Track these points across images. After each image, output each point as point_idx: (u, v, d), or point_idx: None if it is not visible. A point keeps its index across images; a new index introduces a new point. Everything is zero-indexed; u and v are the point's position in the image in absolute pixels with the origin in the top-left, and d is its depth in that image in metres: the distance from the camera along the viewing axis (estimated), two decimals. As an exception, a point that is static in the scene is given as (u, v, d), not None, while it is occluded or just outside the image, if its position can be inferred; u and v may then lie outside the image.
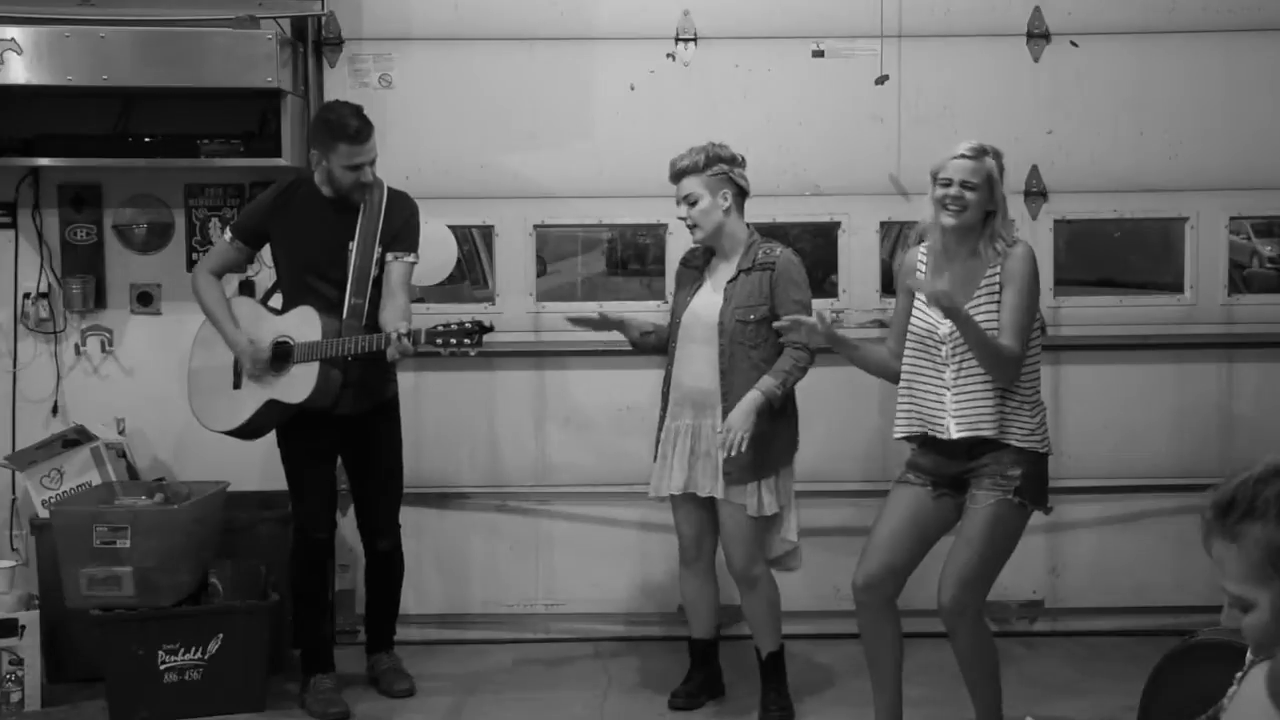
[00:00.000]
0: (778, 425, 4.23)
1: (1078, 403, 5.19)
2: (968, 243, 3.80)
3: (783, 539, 4.31)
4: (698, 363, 4.26)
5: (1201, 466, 5.09)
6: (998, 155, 3.80)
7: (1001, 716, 3.88)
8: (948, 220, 3.77)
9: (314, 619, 4.58)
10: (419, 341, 4.17)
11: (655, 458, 4.38)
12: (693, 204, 4.23)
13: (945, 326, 3.75)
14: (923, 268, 3.89)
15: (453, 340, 4.17)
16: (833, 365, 4.37)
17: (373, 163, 4.38)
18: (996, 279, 3.75)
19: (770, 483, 4.22)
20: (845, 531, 5.14)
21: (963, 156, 3.77)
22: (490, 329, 4.24)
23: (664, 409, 4.37)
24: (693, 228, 4.27)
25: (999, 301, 3.73)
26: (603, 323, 4.41)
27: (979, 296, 3.75)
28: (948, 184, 3.76)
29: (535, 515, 5.25)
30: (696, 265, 4.39)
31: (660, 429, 4.38)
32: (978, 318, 3.69)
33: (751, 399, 4.09)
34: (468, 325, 4.18)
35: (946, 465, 3.81)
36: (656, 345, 4.45)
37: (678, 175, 4.26)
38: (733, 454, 4.08)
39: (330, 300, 4.38)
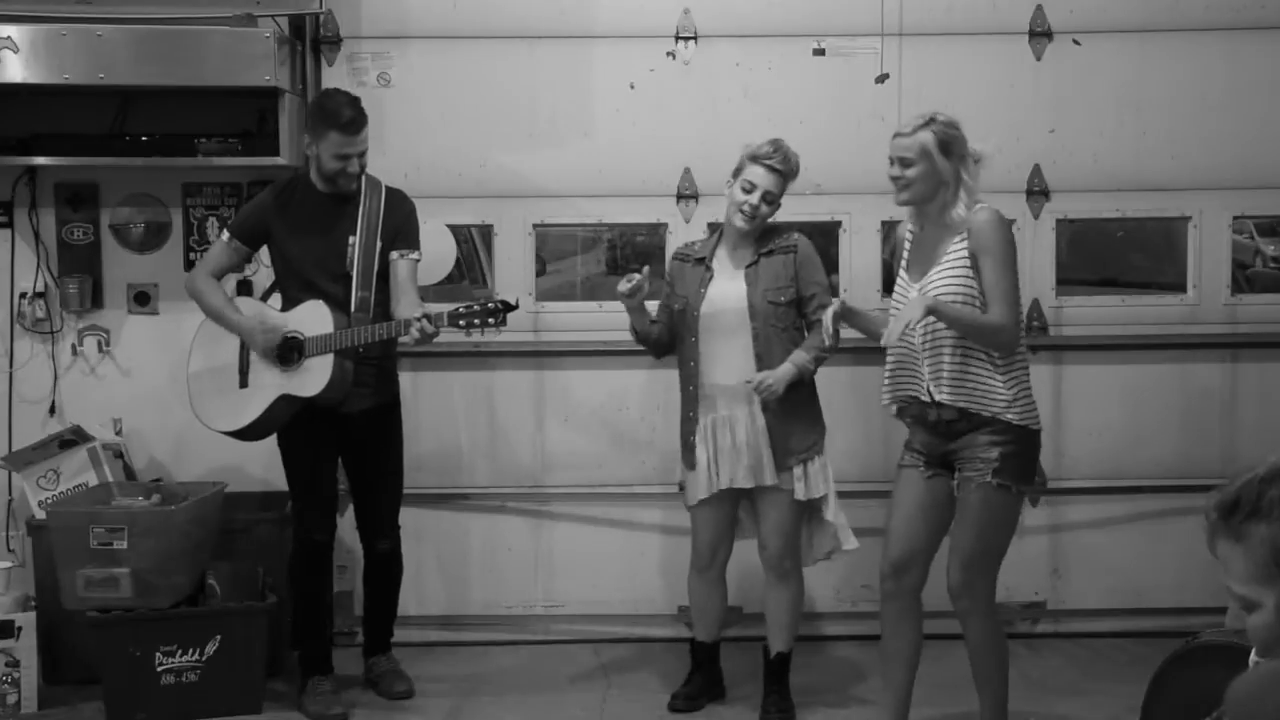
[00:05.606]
0: (813, 406, 4.30)
1: (1080, 403, 5.16)
2: (933, 217, 3.77)
3: (828, 523, 4.29)
4: (729, 351, 4.23)
5: (1204, 467, 5.08)
6: (939, 125, 3.70)
7: (1006, 715, 3.87)
8: (897, 199, 3.83)
9: (313, 620, 4.56)
10: (441, 324, 4.14)
11: (693, 462, 4.27)
12: (770, 202, 4.25)
13: (913, 291, 3.76)
14: (907, 250, 3.89)
15: (476, 320, 4.12)
16: (833, 366, 4.36)
17: (362, 155, 4.36)
18: (964, 247, 3.69)
19: (817, 462, 4.26)
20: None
21: (898, 135, 3.78)
22: (515, 307, 4.20)
23: (690, 408, 4.29)
24: (755, 217, 4.23)
25: (969, 268, 3.68)
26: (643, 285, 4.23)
27: (944, 263, 3.72)
28: (891, 164, 3.79)
29: (535, 516, 5.23)
30: (700, 257, 4.36)
31: (691, 432, 4.28)
32: (942, 285, 3.68)
33: (786, 370, 4.14)
34: (490, 305, 4.13)
35: (935, 444, 3.79)
36: (659, 338, 4.40)
37: (788, 172, 4.26)
38: (762, 392, 4.10)
39: (334, 295, 4.35)
